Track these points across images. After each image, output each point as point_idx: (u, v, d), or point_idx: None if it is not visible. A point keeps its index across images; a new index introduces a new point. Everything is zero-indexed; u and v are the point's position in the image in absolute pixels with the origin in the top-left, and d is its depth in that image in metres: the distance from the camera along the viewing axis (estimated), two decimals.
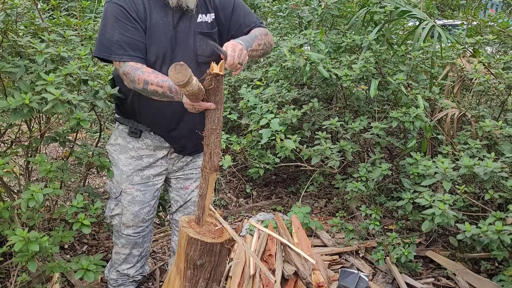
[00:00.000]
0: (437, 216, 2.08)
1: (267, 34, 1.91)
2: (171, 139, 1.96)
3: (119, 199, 2.00)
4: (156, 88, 1.63)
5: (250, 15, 1.95)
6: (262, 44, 1.86)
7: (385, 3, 3.01)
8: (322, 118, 3.19)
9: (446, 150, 2.62)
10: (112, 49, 1.70)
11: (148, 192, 1.99)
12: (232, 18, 1.90)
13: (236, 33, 1.91)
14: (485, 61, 2.84)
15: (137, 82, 1.66)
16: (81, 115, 1.74)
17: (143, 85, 1.65)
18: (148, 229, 2.11)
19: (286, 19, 4.37)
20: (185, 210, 2.13)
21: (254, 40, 1.79)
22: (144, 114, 1.90)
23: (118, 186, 1.98)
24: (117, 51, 1.70)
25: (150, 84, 1.64)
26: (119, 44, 1.69)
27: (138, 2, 1.74)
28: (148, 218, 2.05)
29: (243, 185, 3.78)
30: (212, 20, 1.86)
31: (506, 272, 2.22)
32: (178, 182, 2.09)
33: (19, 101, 1.59)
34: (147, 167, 1.97)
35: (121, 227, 2.04)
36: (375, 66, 2.88)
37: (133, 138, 1.95)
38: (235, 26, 1.91)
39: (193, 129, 1.87)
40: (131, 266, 2.14)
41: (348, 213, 3.21)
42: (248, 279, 1.77)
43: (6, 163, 1.69)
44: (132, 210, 1.99)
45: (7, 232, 1.63)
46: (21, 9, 2.08)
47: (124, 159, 1.96)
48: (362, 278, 2.25)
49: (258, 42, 1.82)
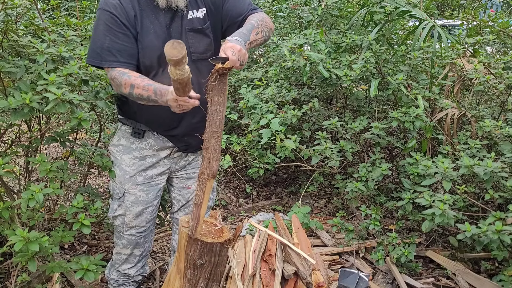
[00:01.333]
0: (437, 216, 2.08)
1: (263, 20, 1.86)
2: (174, 138, 1.95)
3: (122, 200, 2.00)
4: (142, 92, 1.64)
5: (241, 2, 1.90)
6: (260, 31, 1.81)
7: (385, 3, 3.01)
8: (322, 118, 3.19)
9: (446, 150, 2.62)
10: (103, 56, 1.72)
11: (151, 192, 2.00)
12: (224, 9, 1.88)
13: (229, 24, 1.89)
14: (485, 61, 2.84)
15: (124, 86, 1.68)
16: (82, 115, 1.74)
17: (129, 89, 1.67)
18: (150, 229, 2.11)
19: (286, 19, 4.37)
20: (187, 209, 2.13)
21: (251, 32, 1.75)
22: (145, 114, 1.90)
23: (121, 186, 1.98)
24: (107, 57, 1.71)
25: (136, 88, 1.65)
26: (109, 51, 1.71)
27: (129, 8, 1.74)
28: (151, 218, 2.06)
29: (243, 185, 3.78)
30: (203, 15, 1.85)
31: (506, 272, 2.22)
32: (180, 182, 2.09)
33: (19, 101, 1.59)
34: (150, 167, 1.97)
35: (124, 228, 2.04)
36: (375, 66, 2.88)
37: (136, 139, 1.95)
38: (227, 16, 1.89)
39: (195, 126, 1.87)
40: (132, 266, 2.14)
41: (348, 213, 3.21)
42: (249, 279, 1.78)
43: (6, 163, 1.69)
44: (135, 210, 1.99)
45: (7, 232, 1.63)
46: (21, 9, 2.08)
47: (128, 159, 1.96)
48: (362, 278, 2.25)
49: (255, 31, 1.78)
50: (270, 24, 1.91)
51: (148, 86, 1.64)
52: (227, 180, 3.90)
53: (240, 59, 1.54)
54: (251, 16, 1.88)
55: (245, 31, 1.73)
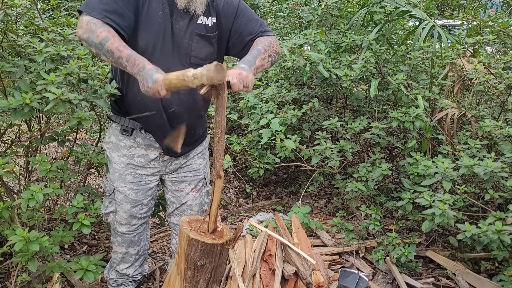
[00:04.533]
0: (437, 216, 2.08)
1: (271, 44, 1.85)
2: (160, 136, 1.92)
3: (113, 197, 2.01)
4: (114, 50, 1.55)
5: (253, 22, 1.89)
6: (267, 56, 1.82)
7: (385, 3, 3.02)
8: (322, 118, 3.19)
9: (446, 150, 2.62)
10: (96, 6, 1.60)
11: (140, 191, 1.99)
12: (234, 25, 1.87)
13: (237, 41, 1.89)
14: (485, 61, 2.84)
15: (97, 34, 1.55)
16: (82, 115, 1.74)
17: (101, 41, 1.54)
18: (143, 227, 2.11)
19: (286, 19, 4.37)
20: (182, 214, 2.12)
21: (256, 58, 1.75)
22: (132, 108, 1.87)
23: (111, 184, 1.99)
24: (101, 10, 1.60)
25: (109, 43, 1.55)
26: (107, 5, 1.61)
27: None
28: (141, 217, 2.05)
29: (243, 185, 3.78)
30: (213, 24, 1.84)
31: (506, 272, 2.22)
32: (173, 184, 2.09)
33: (19, 100, 1.58)
34: (140, 167, 1.96)
35: (116, 225, 2.05)
36: (375, 66, 2.88)
37: (125, 136, 1.94)
38: (236, 33, 1.88)
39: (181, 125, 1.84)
40: (129, 265, 2.14)
41: (348, 213, 3.22)
42: (249, 279, 1.77)
43: (6, 163, 1.69)
44: (124, 208, 1.99)
45: (7, 232, 1.63)
46: (21, 9, 2.08)
47: (117, 157, 1.96)
48: (362, 278, 2.25)
49: (261, 57, 1.78)
50: (277, 48, 1.90)
51: (124, 48, 1.56)
52: (227, 180, 3.90)
53: (242, 82, 1.59)
54: (259, 39, 1.86)
55: (251, 58, 1.74)
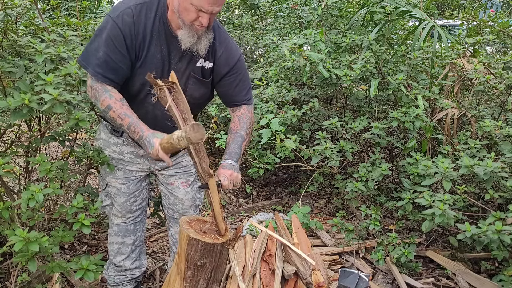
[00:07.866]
0: (437, 216, 2.08)
1: (251, 123, 1.95)
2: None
3: (107, 191, 2.07)
4: (116, 118, 1.69)
5: (242, 88, 1.93)
6: (248, 137, 1.93)
7: (385, 3, 3.02)
8: (322, 118, 3.19)
9: (446, 150, 2.62)
10: (91, 61, 1.70)
11: (131, 184, 2.03)
12: (225, 79, 1.90)
13: (222, 94, 1.96)
14: (485, 61, 2.84)
15: (101, 102, 1.71)
16: (80, 115, 1.74)
17: (105, 108, 1.70)
18: (139, 219, 2.15)
19: (286, 19, 4.37)
20: (174, 207, 2.15)
21: (241, 147, 1.86)
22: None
23: (104, 179, 2.05)
24: (96, 67, 1.70)
25: (112, 111, 1.69)
26: (101, 62, 1.70)
27: (141, 30, 1.71)
28: (135, 209, 2.09)
29: (243, 185, 3.78)
30: (209, 68, 1.87)
31: (506, 272, 2.22)
32: (164, 178, 2.13)
33: (18, 101, 1.58)
34: (129, 162, 2.01)
35: (112, 217, 2.11)
36: (375, 66, 2.88)
37: (115, 135, 1.99)
38: (224, 87, 1.92)
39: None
40: (125, 256, 2.15)
41: (348, 213, 3.21)
42: (249, 279, 1.77)
43: (6, 163, 1.69)
44: (119, 201, 2.05)
45: (7, 232, 1.63)
46: (21, 9, 2.08)
47: (107, 153, 1.99)
48: (362, 278, 2.25)
49: (245, 143, 1.90)
50: (253, 121, 2.01)
51: (125, 116, 1.68)
52: None
53: (232, 182, 1.72)
54: (240, 117, 1.93)
55: (237, 150, 1.84)
